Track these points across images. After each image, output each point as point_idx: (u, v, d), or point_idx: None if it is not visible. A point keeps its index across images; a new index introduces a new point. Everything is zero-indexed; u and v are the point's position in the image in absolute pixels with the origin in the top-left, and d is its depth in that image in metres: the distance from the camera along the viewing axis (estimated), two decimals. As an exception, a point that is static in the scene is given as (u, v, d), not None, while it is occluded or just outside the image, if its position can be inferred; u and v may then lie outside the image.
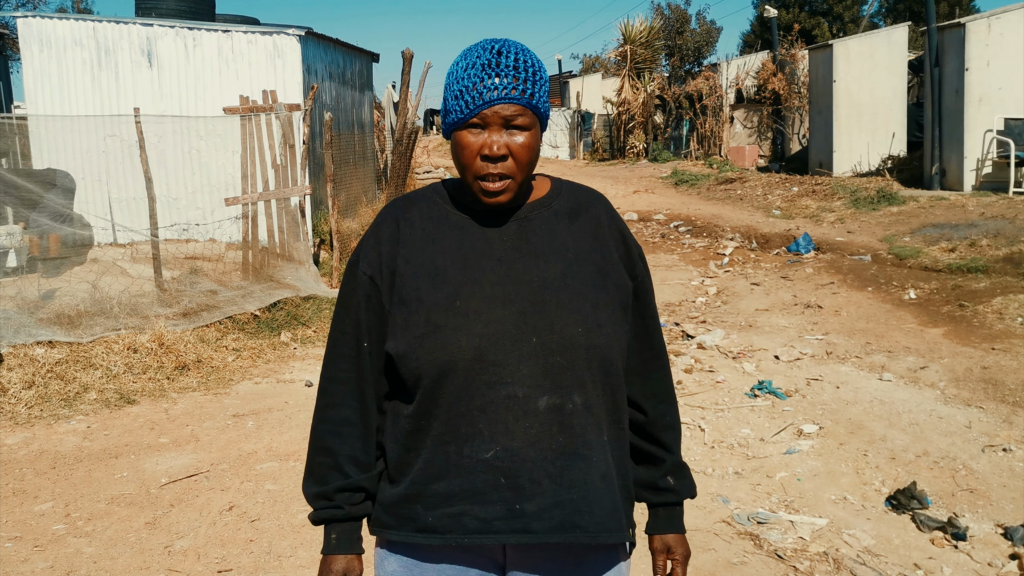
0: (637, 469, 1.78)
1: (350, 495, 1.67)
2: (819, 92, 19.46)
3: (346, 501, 1.67)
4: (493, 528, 1.58)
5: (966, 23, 14.69)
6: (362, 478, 1.67)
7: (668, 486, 1.77)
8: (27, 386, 6.15)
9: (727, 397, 6.08)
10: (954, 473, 4.71)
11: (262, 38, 11.74)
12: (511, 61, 1.56)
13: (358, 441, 1.67)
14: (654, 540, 1.79)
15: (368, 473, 1.68)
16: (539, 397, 1.56)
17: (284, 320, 7.94)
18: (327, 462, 1.68)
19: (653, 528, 1.79)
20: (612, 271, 1.68)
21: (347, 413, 1.67)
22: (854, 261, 10.63)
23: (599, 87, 35.90)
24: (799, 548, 3.93)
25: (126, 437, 5.51)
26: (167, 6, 12.31)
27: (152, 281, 8.18)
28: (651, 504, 1.80)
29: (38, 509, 4.46)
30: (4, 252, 9.22)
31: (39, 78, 11.68)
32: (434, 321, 1.57)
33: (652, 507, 1.80)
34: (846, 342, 7.36)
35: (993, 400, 5.79)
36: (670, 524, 1.78)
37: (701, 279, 10.54)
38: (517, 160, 1.57)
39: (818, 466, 4.85)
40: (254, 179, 8.93)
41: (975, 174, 14.70)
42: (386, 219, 1.70)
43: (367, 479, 1.67)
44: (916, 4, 34.13)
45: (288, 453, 5.15)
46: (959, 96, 14.71)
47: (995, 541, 3.97)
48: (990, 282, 8.77)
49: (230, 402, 6.18)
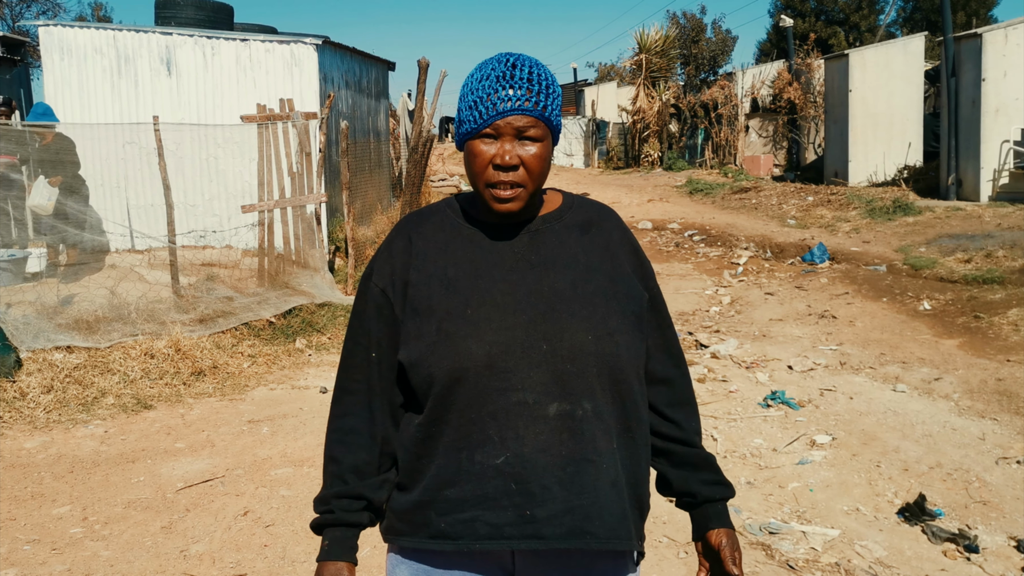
0: (676, 474, 1.78)
1: (348, 502, 1.69)
2: (835, 102, 19.42)
3: (341, 507, 1.69)
4: (504, 534, 1.60)
5: (983, 33, 14.63)
6: (361, 485, 1.69)
7: (714, 479, 1.77)
8: (46, 390, 6.22)
9: (740, 407, 6.08)
10: (967, 485, 4.69)
11: (279, 47, 11.84)
12: (525, 74, 1.59)
13: (363, 451, 1.70)
14: (711, 536, 1.74)
15: (368, 480, 1.69)
16: (549, 404, 1.59)
17: (299, 327, 7.99)
18: (332, 470, 1.72)
19: (704, 527, 1.76)
20: (623, 283, 1.70)
21: (354, 423, 1.71)
22: (869, 271, 10.60)
23: (614, 96, 35.95)
24: (811, 559, 3.93)
25: (143, 442, 5.57)
26: (186, 15, 12.42)
27: (169, 287, 8.25)
28: (696, 505, 1.78)
29: (56, 512, 4.52)
30: (24, 258, 9.32)
31: (59, 86, 11.80)
32: (446, 329, 1.60)
33: (698, 507, 1.78)
34: (860, 353, 7.34)
35: (1007, 412, 5.77)
36: (719, 520, 1.75)
37: (715, 288, 10.53)
38: (528, 170, 1.60)
39: (831, 477, 4.85)
40: (270, 186, 9.00)
41: (991, 184, 14.63)
42: (399, 233, 1.74)
43: (367, 486, 1.69)
44: (933, 14, 34.02)
45: (303, 459, 5.19)
46: (976, 106, 14.65)
47: (1008, 553, 3.96)
48: (1006, 293, 8.73)
49: (245, 408, 6.23)
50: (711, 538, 1.74)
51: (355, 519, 1.70)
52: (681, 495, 1.79)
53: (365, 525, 1.71)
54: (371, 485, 1.70)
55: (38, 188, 9.17)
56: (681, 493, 1.79)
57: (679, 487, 1.78)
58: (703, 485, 1.77)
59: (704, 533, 1.76)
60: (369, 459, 1.70)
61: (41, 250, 9.53)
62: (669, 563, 3.92)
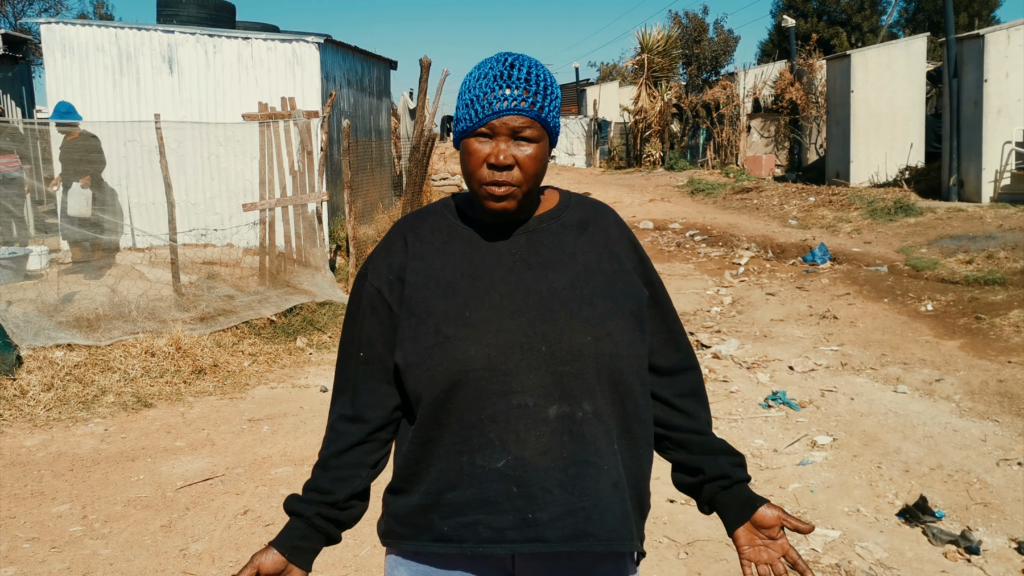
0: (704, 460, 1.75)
1: (313, 494, 1.70)
2: (837, 102, 19.41)
3: (295, 498, 1.71)
4: (506, 537, 1.59)
5: (985, 34, 14.62)
6: (323, 477, 1.70)
7: (739, 462, 1.76)
8: (46, 388, 6.22)
9: (741, 407, 6.07)
10: (968, 487, 4.69)
11: (281, 45, 11.84)
12: (523, 74, 1.58)
13: (334, 445, 1.71)
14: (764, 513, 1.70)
15: (331, 473, 1.70)
16: (549, 406, 1.58)
17: (300, 325, 7.99)
18: (316, 463, 1.75)
19: (751, 507, 1.72)
20: (623, 282, 1.69)
21: (339, 423, 1.73)
22: (870, 272, 10.59)
23: (616, 95, 35.96)
24: (811, 560, 3.92)
25: (143, 440, 5.57)
26: (188, 13, 12.42)
27: (170, 285, 8.25)
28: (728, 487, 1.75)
29: (56, 511, 4.51)
30: (25, 255, 9.33)
31: (61, 83, 11.81)
32: (444, 332, 1.59)
33: (729, 489, 1.75)
34: (861, 353, 7.33)
35: (1009, 414, 5.76)
36: (760, 498, 1.73)
37: (716, 288, 10.52)
38: (524, 171, 1.59)
39: (831, 478, 4.84)
40: (272, 185, 9.00)
41: (993, 186, 14.62)
42: (396, 234, 1.73)
43: (328, 479, 1.69)
44: (935, 15, 34.01)
45: (303, 458, 5.19)
46: (978, 107, 14.64)
47: (1009, 555, 3.95)
48: (1007, 295, 8.72)
49: (246, 406, 6.23)
50: (765, 516, 1.71)
51: (301, 509, 1.69)
52: (715, 478, 1.75)
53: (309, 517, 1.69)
54: (334, 479, 1.70)
55: (74, 196, 9.23)
56: (715, 476, 1.74)
57: (712, 471, 1.74)
58: (733, 467, 1.75)
59: (751, 513, 1.71)
60: (342, 457, 1.70)
61: (42, 248, 9.56)
62: (669, 563, 3.92)
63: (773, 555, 1.72)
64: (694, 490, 1.80)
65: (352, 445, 1.70)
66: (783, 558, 1.72)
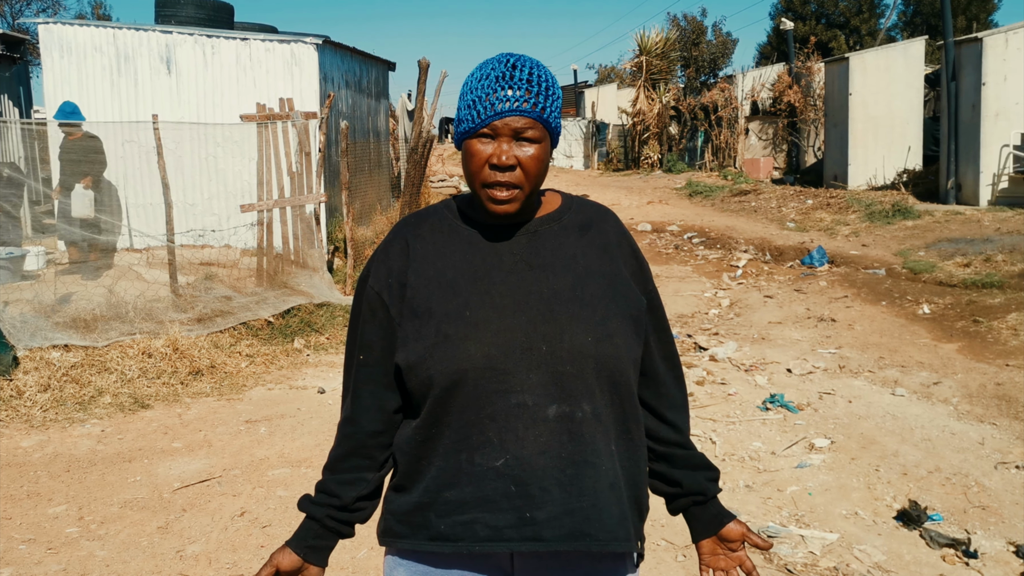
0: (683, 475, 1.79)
1: (322, 496, 1.73)
2: (835, 105, 19.44)
3: (308, 500, 1.74)
4: (504, 536, 1.59)
5: (983, 38, 14.65)
6: (331, 480, 1.72)
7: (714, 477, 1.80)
8: (43, 389, 6.21)
9: (739, 410, 6.07)
10: (966, 490, 4.68)
11: (280, 46, 11.83)
12: (525, 75, 1.58)
13: (340, 448, 1.74)
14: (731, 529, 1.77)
15: (338, 476, 1.72)
16: (548, 405, 1.58)
17: (298, 327, 7.98)
18: (325, 464, 1.77)
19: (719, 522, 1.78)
20: (622, 285, 1.70)
21: (343, 425, 1.75)
22: (868, 275, 10.59)
23: (614, 97, 35.98)
24: (809, 563, 3.92)
25: (140, 441, 5.55)
26: (186, 14, 12.41)
27: (167, 286, 8.24)
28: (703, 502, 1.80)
29: (52, 512, 4.50)
30: (22, 256, 9.31)
31: (59, 84, 11.78)
32: (444, 331, 1.59)
33: (703, 505, 1.80)
34: (859, 356, 7.33)
35: (1007, 417, 5.76)
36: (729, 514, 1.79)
37: (714, 291, 10.52)
38: (526, 171, 1.59)
39: (829, 480, 4.84)
40: (270, 186, 8.99)
41: (991, 189, 14.64)
42: (396, 236, 1.73)
43: (336, 483, 1.72)
44: (933, 18, 34.07)
45: (300, 459, 5.18)
46: (976, 111, 14.66)
47: (1007, 559, 3.95)
48: (1005, 298, 8.73)
49: (243, 408, 6.21)
50: (731, 530, 1.77)
51: (313, 511, 1.72)
52: (692, 494, 1.79)
53: (320, 519, 1.72)
54: (338, 480, 1.72)
55: (77, 198, 9.22)
56: (692, 492, 1.79)
57: (690, 486, 1.79)
58: (710, 483, 1.80)
59: (719, 528, 1.78)
60: (346, 460, 1.72)
61: (39, 248, 9.54)
62: (667, 566, 3.91)
63: (730, 564, 1.80)
64: (668, 497, 1.85)
65: (354, 448, 1.72)
66: (739, 567, 1.79)
